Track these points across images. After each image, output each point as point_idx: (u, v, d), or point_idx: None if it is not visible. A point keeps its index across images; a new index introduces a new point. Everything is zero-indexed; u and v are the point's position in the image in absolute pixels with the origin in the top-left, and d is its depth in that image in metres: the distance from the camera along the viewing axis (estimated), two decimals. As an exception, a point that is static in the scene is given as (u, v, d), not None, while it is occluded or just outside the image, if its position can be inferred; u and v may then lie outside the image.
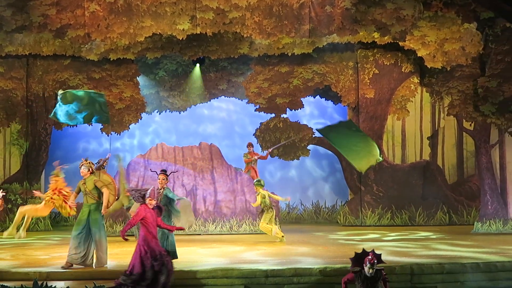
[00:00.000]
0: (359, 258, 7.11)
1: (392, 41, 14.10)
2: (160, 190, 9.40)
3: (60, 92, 10.59)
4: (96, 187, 9.08)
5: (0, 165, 16.22)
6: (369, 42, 14.79)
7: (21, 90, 16.20)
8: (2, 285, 7.58)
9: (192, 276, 8.50)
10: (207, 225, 14.13)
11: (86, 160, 9.38)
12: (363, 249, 7.17)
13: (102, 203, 9.05)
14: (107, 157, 13.13)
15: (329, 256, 10.00)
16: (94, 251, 9.09)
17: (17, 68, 16.14)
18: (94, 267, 9.02)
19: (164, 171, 9.76)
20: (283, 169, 18.31)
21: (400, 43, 14.29)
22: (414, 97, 16.45)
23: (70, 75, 16.32)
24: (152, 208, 7.79)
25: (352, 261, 7.19)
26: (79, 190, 9.30)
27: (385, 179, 16.14)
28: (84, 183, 9.17)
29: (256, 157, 15.12)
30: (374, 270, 7.00)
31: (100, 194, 9.12)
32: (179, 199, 9.86)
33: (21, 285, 7.50)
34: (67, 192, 9.40)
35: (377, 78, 16.28)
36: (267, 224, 12.19)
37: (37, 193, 9.94)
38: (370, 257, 7.03)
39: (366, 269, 6.99)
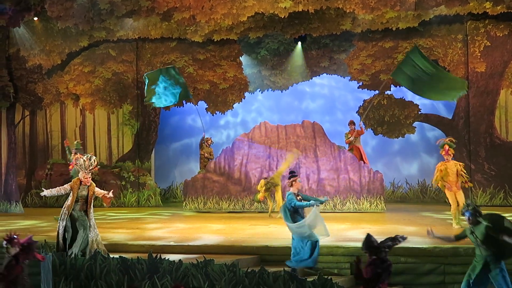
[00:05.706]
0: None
1: (506, 11, 13.25)
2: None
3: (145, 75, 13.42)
4: None
5: (114, 144, 17.18)
6: (480, 12, 14.03)
7: (132, 72, 16.98)
8: (120, 256, 7.92)
9: (297, 253, 8.54)
10: (310, 203, 14.13)
11: None
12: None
13: None
14: (202, 136, 13.93)
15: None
16: None
17: (127, 52, 16.92)
18: None
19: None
20: (387, 147, 17.88)
21: (515, 13, 13.41)
22: (531, 69, 15.42)
23: (177, 57, 16.91)
24: None
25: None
26: None
27: (498, 157, 15.33)
28: None
29: (353, 137, 14.45)
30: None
31: None
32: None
33: (137, 256, 7.82)
34: None
35: (489, 51, 15.39)
36: None
37: None
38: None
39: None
